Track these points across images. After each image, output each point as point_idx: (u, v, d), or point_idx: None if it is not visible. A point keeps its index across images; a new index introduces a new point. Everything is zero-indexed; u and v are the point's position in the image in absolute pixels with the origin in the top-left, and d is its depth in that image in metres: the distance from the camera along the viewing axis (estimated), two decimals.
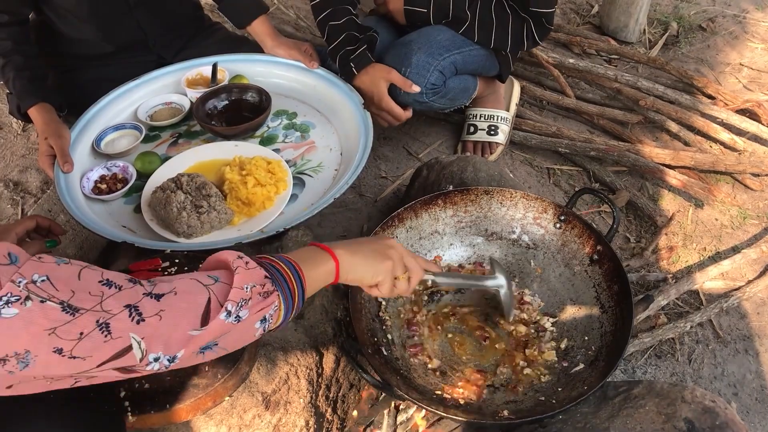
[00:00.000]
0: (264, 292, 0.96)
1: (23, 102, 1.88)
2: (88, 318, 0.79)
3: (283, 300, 1.00)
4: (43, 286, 0.78)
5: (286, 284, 1.01)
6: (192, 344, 0.88)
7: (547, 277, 1.65)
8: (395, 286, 1.22)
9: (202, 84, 2.09)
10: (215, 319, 0.89)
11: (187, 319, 0.87)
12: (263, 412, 1.35)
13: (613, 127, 2.54)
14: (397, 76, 1.96)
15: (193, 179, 1.65)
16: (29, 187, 2.35)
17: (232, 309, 0.91)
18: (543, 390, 1.43)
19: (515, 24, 2.00)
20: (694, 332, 1.91)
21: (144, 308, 0.84)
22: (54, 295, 0.78)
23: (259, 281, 0.96)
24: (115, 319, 0.81)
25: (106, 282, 0.84)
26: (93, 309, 0.80)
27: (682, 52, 3.03)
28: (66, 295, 0.79)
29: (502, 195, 1.68)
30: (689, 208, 2.28)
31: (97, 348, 0.80)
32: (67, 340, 0.78)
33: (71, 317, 0.78)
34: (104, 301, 0.81)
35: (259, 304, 0.95)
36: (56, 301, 0.78)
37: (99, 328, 0.80)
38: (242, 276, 0.94)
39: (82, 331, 0.79)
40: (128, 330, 0.82)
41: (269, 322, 0.98)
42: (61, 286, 0.79)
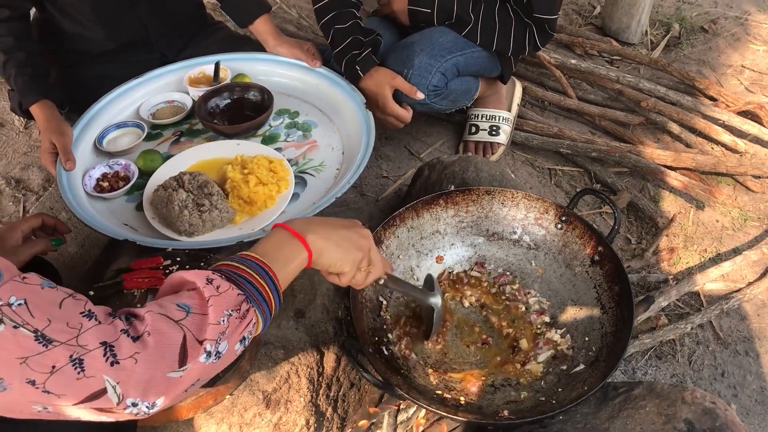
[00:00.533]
0: (241, 315, 0.92)
1: (25, 99, 1.88)
2: (62, 351, 0.76)
3: (260, 313, 0.96)
4: (18, 310, 0.75)
5: (261, 296, 0.96)
6: (173, 388, 0.84)
7: (548, 277, 1.65)
8: (354, 277, 1.16)
9: (205, 82, 2.09)
10: (194, 361, 0.85)
11: (164, 361, 0.82)
12: (264, 411, 1.36)
13: (614, 128, 2.54)
14: (401, 82, 1.96)
15: (195, 178, 1.65)
16: (31, 185, 2.35)
17: (211, 348, 0.87)
18: (543, 390, 1.43)
19: (518, 28, 2.01)
20: (695, 333, 1.91)
21: (120, 348, 0.79)
22: (28, 322, 0.75)
23: (234, 305, 0.91)
24: (90, 356, 0.77)
25: (87, 313, 0.80)
26: (68, 342, 0.76)
27: (684, 54, 3.03)
28: (41, 324, 0.75)
29: (503, 195, 1.68)
30: (690, 210, 2.28)
31: (70, 385, 0.76)
32: (39, 372, 0.74)
33: (44, 348, 0.75)
34: (81, 335, 0.77)
35: (237, 329, 0.91)
36: (30, 329, 0.75)
37: (72, 363, 0.76)
38: (216, 306, 0.89)
39: (54, 364, 0.75)
40: (102, 371, 0.78)
41: (249, 338, 0.95)
42: (38, 313, 0.76)
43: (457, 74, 2.07)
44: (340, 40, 2.00)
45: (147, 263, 1.44)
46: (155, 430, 1.32)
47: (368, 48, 1.99)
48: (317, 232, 1.08)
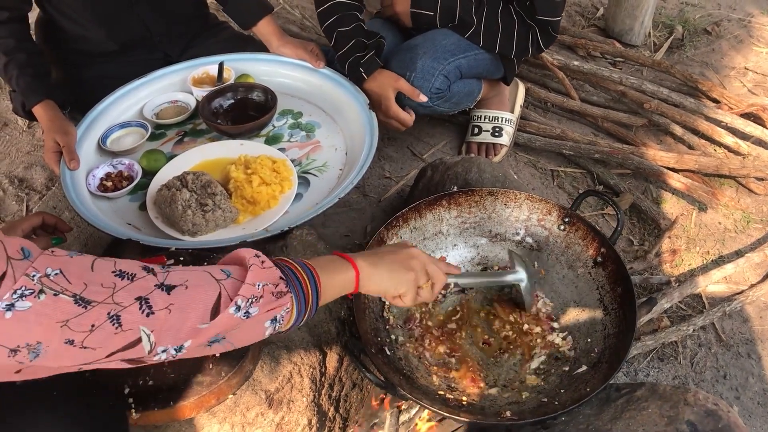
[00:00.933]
0: (277, 293, 0.96)
1: (27, 99, 1.88)
2: (100, 310, 0.81)
3: (296, 303, 1.00)
4: (56, 279, 0.79)
5: (301, 288, 1.01)
6: (200, 336, 0.89)
7: (551, 279, 1.65)
8: (419, 295, 1.22)
9: (208, 83, 2.10)
10: (224, 312, 0.90)
11: (196, 313, 0.88)
12: (266, 411, 1.36)
13: (617, 129, 2.54)
14: (405, 85, 1.97)
15: (199, 177, 1.65)
16: (34, 184, 2.36)
17: (241, 304, 0.92)
18: (546, 391, 1.43)
19: (521, 30, 2.01)
20: (697, 335, 1.91)
21: (154, 301, 0.84)
22: (67, 288, 0.79)
23: (273, 281, 0.96)
24: (126, 311, 0.82)
25: (118, 273, 0.85)
26: (104, 301, 0.81)
27: (687, 56, 3.03)
28: (78, 288, 0.80)
29: (506, 196, 1.68)
30: (693, 212, 2.28)
31: (108, 339, 0.82)
32: (79, 332, 0.79)
33: (83, 310, 0.79)
34: (116, 293, 0.82)
35: (270, 303, 0.95)
36: (69, 294, 0.79)
37: (110, 320, 0.81)
38: (255, 273, 0.94)
39: (94, 323, 0.80)
40: (138, 323, 0.83)
41: (280, 323, 0.99)
42: (74, 279, 0.80)
43: (459, 77, 2.07)
44: (344, 42, 2.00)
45: (150, 262, 1.44)
46: (157, 430, 1.33)
47: (371, 51, 1.99)
48: (366, 258, 1.15)
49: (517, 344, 1.54)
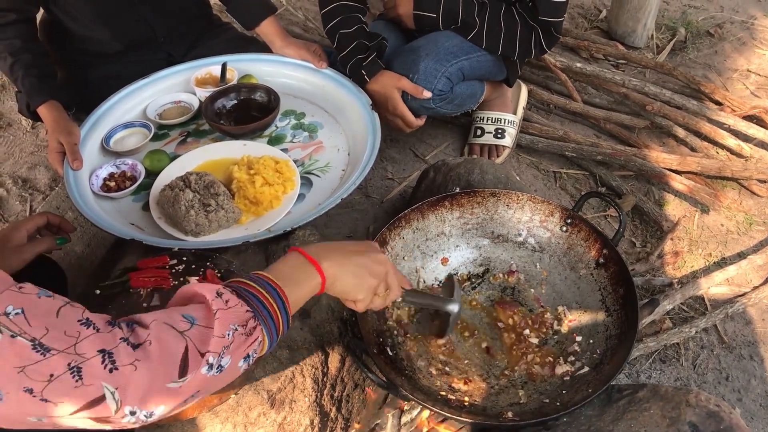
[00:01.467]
0: (247, 331, 0.91)
1: (32, 100, 1.89)
2: (60, 360, 0.76)
3: (267, 333, 0.96)
4: (16, 319, 0.75)
5: (270, 316, 0.96)
6: (172, 399, 0.84)
7: (553, 280, 1.65)
8: (371, 302, 1.17)
9: (211, 83, 2.10)
10: (195, 372, 0.85)
11: (164, 370, 0.83)
12: (268, 410, 1.36)
13: (619, 131, 2.54)
14: (407, 84, 1.97)
15: (202, 178, 1.66)
16: (38, 184, 2.36)
17: (213, 361, 0.87)
18: (547, 392, 1.43)
19: (523, 32, 2.01)
20: (699, 337, 1.91)
21: (119, 356, 0.79)
22: (26, 331, 0.75)
23: (241, 321, 0.91)
24: (88, 364, 0.77)
25: (85, 321, 0.80)
26: (66, 350, 0.76)
27: (690, 58, 3.03)
28: (39, 333, 0.76)
29: (508, 198, 1.68)
30: (695, 214, 2.28)
31: (68, 393, 0.76)
32: (37, 380, 0.75)
33: (42, 357, 0.75)
34: (78, 344, 0.77)
35: (241, 345, 0.91)
36: (28, 338, 0.75)
37: (70, 371, 0.76)
38: (223, 320, 0.89)
39: (53, 372, 0.75)
40: (101, 378, 0.78)
41: (253, 357, 0.95)
42: (36, 323, 0.76)
43: (462, 78, 2.08)
44: (346, 44, 2.00)
45: (153, 262, 1.45)
46: (159, 429, 1.33)
47: (373, 53, 1.99)
48: (332, 259, 1.08)
49: (518, 346, 1.54)
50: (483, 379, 1.47)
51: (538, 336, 1.55)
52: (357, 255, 1.13)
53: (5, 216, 2.27)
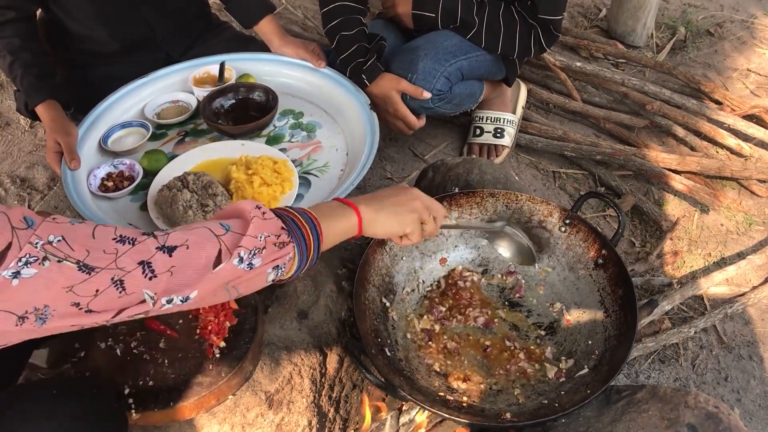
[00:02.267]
0: (279, 243, 0.98)
1: (31, 99, 1.88)
2: (104, 276, 0.82)
3: (298, 252, 1.01)
4: (59, 246, 0.80)
5: (303, 237, 1.02)
6: (205, 285, 0.91)
7: (552, 280, 1.65)
8: (423, 231, 1.24)
9: (210, 83, 2.10)
10: (227, 262, 0.91)
11: (198, 270, 0.90)
12: (266, 411, 1.36)
13: (619, 131, 2.53)
14: (407, 85, 1.97)
15: (200, 178, 1.65)
16: (36, 184, 2.36)
17: (244, 255, 0.93)
18: (546, 393, 1.43)
19: (523, 30, 2.00)
20: (698, 337, 1.91)
21: (156, 264, 0.86)
22: (70, 255, 0.81)
23: (275, 232, 0.97)
24: (129, 276, 0.84)
25: (119, 238, 0.86)
26: (108, 267, 0.83)
27: (690, 57, 3.02)
28: (81, 255, 0.82)
29: (507, 198, 1.68)
30: (695, 213, 2.27)
31: (112, 302, 0.84)
32: (84, 296, 0.81)
33: (87, 275, 0.81)
34: (119, 259, 0.84)
35: (273, 254, 0.97)
36: (72, 261, 0.81)
37: (114, 285, 0.83)
38: (257, 225, 0.95)
39: (98, 288, 0.82)
40: (141, 286, 0.85)
41: (282, 270, 1.00)
42: (77, 246, 0.82)
43: (461, 78, 2.07)
44: (346, 46, 2.00)
45: None
46: (157, 430, 1.33)
47: (373, 55, 1.99)
48: (369, 204, 1.15)
49: (516, 348, 1.54)
50: (482, 378, 1.47)
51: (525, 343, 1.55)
52: (391, 196, 1.20)
53: None
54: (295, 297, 1.56)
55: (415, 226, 1.21)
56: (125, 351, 1.33)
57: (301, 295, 1.56)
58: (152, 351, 1.33)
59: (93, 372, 1.30)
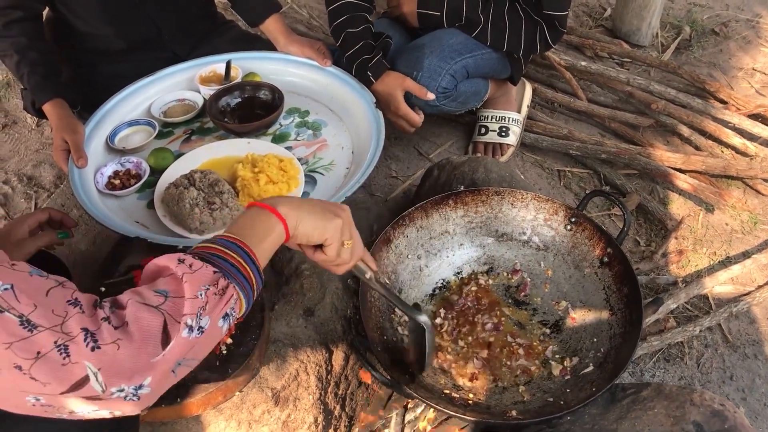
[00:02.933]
0: (219, 291, 0.90)
1: (38, 98, 1.89)
2: (47, 337, 0.76)
3: (241, 289, 0.94)
4: (4, 295, 0.75)
5: (240, 273, 0.95)
6: (158, 369, 0.83)
7: (557, 278, 1.65)
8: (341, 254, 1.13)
9: (216, 81, 2.10)
10: (176, 337, 0.84)
11: (146, 348, 0.82)
12: (272, 408, 1.36)
13: (624, 130, 2.53)
14: (412, 84, 1.97)
15: (206, 176, 1.66)
16: (43, 182, 2.37)
17: (192, 323, 0.86)
18: (551, 391, 1.43)
19: (528, 27, 2.01)
20: (703, 336, 1.91)
21: (101, 335, 0.79)
22: (14, 307, 0.75)
23: (211, 281, 0.89)
24: (74, 342, 0.77)
25: (73, 302, 0.80)
26: (52, 328, 0.76)
27: (695, 56, 3.02)
28: (27, 309, 0.76)
29: (513, 196, 1.68)
30: (700, 213, 2.27)
31: (55, 371, 0.76)
32: (25, 359, 0.75)
33: (29, 333, 0.75)
34: (66, 323, 0.77)
35: (218, 305, 0.89)
36: (15, 314, 0.75)
37: (57, 349, 0.76)
38: (191, 282, 0.87)
39: (39, 350, 0.75)
40: (84, 357, 0.77)
41: (233, 316, 0.94)
42: (24, 299, 0.76)
43: (466, 76, 2.07)
44: (352, 43, 2.00)
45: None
46: (164, 426, 1.33)
47: (379, 53, 1.99)
48: (289, 203, 1.06)
49: (520, 344, 1.54)
50: (487, 376, 1.48)
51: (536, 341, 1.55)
52: (316, 202, 1.12)
53: (10, 213, 2.27)
54: (301, 294, 1.57)
55: (335, 235, 1.09)
56: None
57: (307, 293, 1.57)
58: None
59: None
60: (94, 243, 2.01)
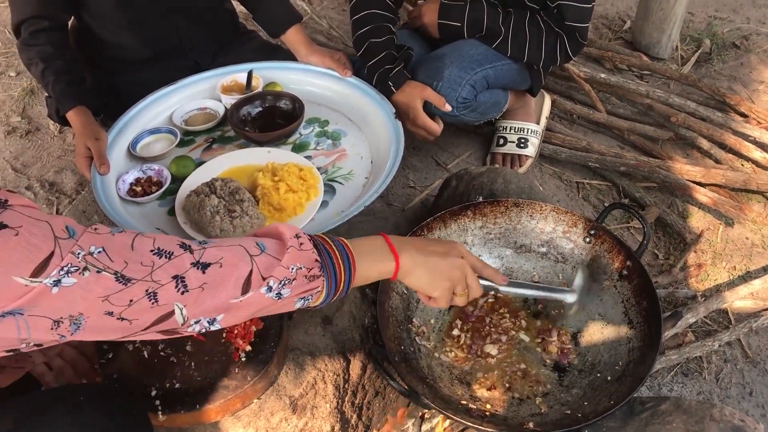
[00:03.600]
0: (310, 276, 1.00)
1: (62, 105, 1.92)
2: (139, 287, 0.86)
3: (326, 287, 1.04)
4: (99, 257, 0.84)
5: (334, 273, 1.04)
6: (232, 311, 0.95)
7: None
8: (452, 300, 1.22)
9: (237, 90, 2.12)
10: (256, 291, 0.95)
11: (227, 291, 0.93)
12: (290, 416, 1.37)
13: (643, 142, 2.53)
14: (431, 94, 1.98)
15: (227, 184, 1.67)
16: (64, 188, 2.40)
17: (273, 285, 0.96)
18: (569, 403, 1.43)
19: (549, 39, 2.01)
20: (722, 351, 1.89)
21: (189, 280, 0.90)
22: (109, 266, 0.85)
23: (308, 264, 1.00)
24: (163, 289, 0.88)
25: (157, 251, 0.90)
26: (143, 279, 0.87)
27: (715, 70, 3.01)
28: (120, 266, 0.86)
29: (532, 208, 1.68)
30: (719, 226, 2.26)
31: (144, 312, 0.88)
32: (119, 306, 0.85)
33: (123, 286, 0.85)
34: (154, 272, 0.88)
35: (302, 286, 1.00)
36: (111, 272, 0.85)
37: (147, 296, 0.87)
38: (292, 255, 0.98)
39: (132, 298, 0.86)
40: (173, 299, 0.89)
41: (308, 301, 1.04)
42: (116, 257, 0.86)
43: (486, 87, 2.08)
44: (375, 53, 2.02)
45: None
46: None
47: (401, 63, 2.00)
48: (411, 253, 1.14)
49: (538, 355, 1.54)
50: (504, 388, 1.47)
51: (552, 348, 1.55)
52: (436, 256, 1.17)
53: None
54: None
55: (445, 293, 1.19)
56: (152, 353, 1.35)
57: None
58: (179, 353, 1.35)
59: (120, 374, 1.32)
60: None
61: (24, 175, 2.48)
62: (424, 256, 1.16)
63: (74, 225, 0.86)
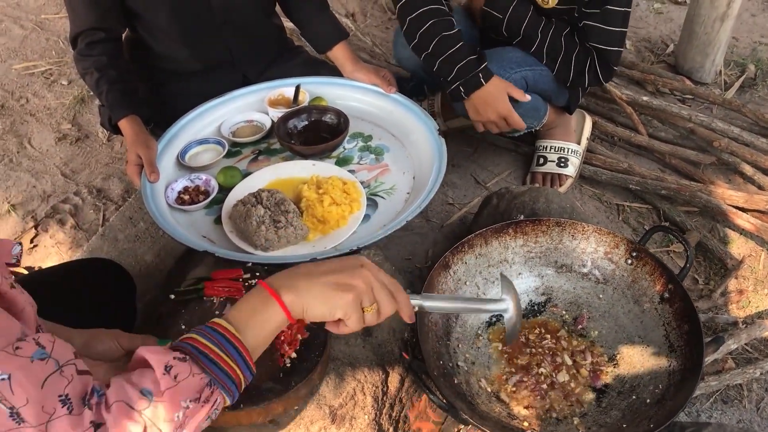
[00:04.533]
0: (203, 400, 0.91)
1: (115, 114, 1.98)
2: None
3: (227, 393, 0.95)
4: (1, 385, 0.78)
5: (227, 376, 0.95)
6: None
7: (616, 312, 1.64)
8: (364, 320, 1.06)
9: (283, 104, 2.16)
10: None
11: None
12: (329, 425, 1.38)
13: (684, 166, 2.51)
14: (513, 88, 2.01)
15: (273, 195, 1.71)
16: (111, 195, 2.46)
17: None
18: (607, 425, 1.42)
19: (580, 56, 2.02)
20: (764, 380, 1.87)
21: None
22: (7, 398, 0.78)
23: (195, 393, 0.90)
24: None
25: (64, 398, 0.82)
26: (37, 427, 0.79)
27: (759, 95, 2.98)
28: (19, 402, 0.78)
29: (574, 228, 1.69)
30: (761, 253, 2.23)
31: None
32: None
33: (16, 426, 0.78)
34: (50, 422, 0.80)
35: (199, 413, 0.91)
36: (7, 405, 0.78)
37: None
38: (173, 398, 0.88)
39: None
40: None
41: (216, 413, 0.95)
42: (18, 391, 0.79)
43: (526, 88, 2.08)
44: (450, 45, 1.96)
45: (228, 274, 1.50)
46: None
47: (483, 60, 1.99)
48: (295, 288, 1.02)
49: (576, 374, 1.54)
50: (543, 407, 1.48)
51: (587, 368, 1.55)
52: (327, 275, 1.04)
53: (80, 224, 2.37)
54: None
55: (351, 308, 1.03)
56: None
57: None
58: None
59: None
60: (159, 255, 2.07)
61: (72, 181, 2.55)
62: (309, 281, 1.03)
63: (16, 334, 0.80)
